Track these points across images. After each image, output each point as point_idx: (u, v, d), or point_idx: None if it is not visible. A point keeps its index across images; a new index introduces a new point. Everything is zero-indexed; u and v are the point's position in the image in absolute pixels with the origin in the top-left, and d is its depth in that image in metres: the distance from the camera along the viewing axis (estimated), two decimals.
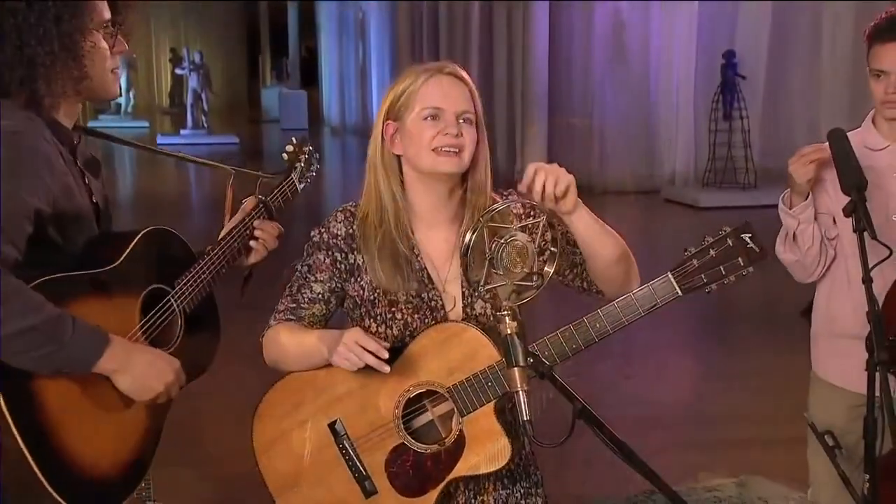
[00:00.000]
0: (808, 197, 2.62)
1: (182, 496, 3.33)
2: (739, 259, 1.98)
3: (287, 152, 2.50)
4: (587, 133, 12.30)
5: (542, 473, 2.23)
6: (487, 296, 2.01)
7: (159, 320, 2.06)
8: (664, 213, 11.16)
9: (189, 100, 18.81)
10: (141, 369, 1.92)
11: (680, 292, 1.97)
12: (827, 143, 2.55)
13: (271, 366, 2.14)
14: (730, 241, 1.99)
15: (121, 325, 1.97)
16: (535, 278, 1.70)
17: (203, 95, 18.77)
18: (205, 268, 2.16)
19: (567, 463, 4.27)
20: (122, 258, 1.99)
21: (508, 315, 1.70)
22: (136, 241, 2.02)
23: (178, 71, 21.85)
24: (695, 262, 1.98)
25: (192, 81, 18.70)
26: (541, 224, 1.75)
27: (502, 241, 1.67)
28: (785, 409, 2.93)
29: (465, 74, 2.09)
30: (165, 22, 28.38)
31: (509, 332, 1.69)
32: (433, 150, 2.01)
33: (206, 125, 18.71)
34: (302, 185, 2.48)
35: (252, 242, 2.29)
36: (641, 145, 12.22)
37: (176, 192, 11.69)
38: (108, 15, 2.01)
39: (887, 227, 2.66)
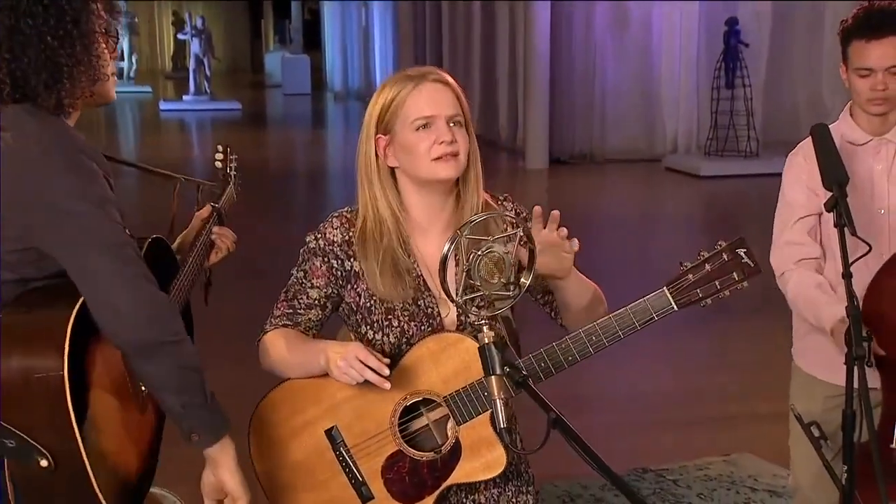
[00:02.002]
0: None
1: (178, 475, 3.38)
2: (735, 274, 2.02)
3: (219, 160, 2.57)
4: (588, 101, 12.26)
5: (534, 472, 2.26)
6: (482, 303, 2.04)
7: None
8: (665, 182, 11.15)
9: (191, 65, 18.76)
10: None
11: (675, 307, 2.01)
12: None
13: (267, 370, 2.17)
14: (725, 256, 2.02)
15: None
16: (511, 289, 1.73)
17: (205, 61, 18.71)
18: (187, 275, 2.20)
19: (554, 441, 4.33)
20: None
21: (486, 325, 1.73)
22: (145, 248, 2.04)
23: (180, 36, 21.79)
24: (690, 276, 2.01)
25: (194, 46, 18.63)
26: (518, 236, 1.77)
27: (479, 252, 1.70)
28: (773, 387, 2.99)
29: (449, 78, 2.09)
30: None
31: (486, 341, 1.72)
32: (432, 160, 2.03)
33: (208, 91, 18.67)
34: (237, 192, 2.57)
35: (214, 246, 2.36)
36: (643, 113, 12.19)
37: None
38: (106, 16, 1.99)
39: (873, 221, 2.69)
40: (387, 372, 1.92)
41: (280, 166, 13.12)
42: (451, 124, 2.05)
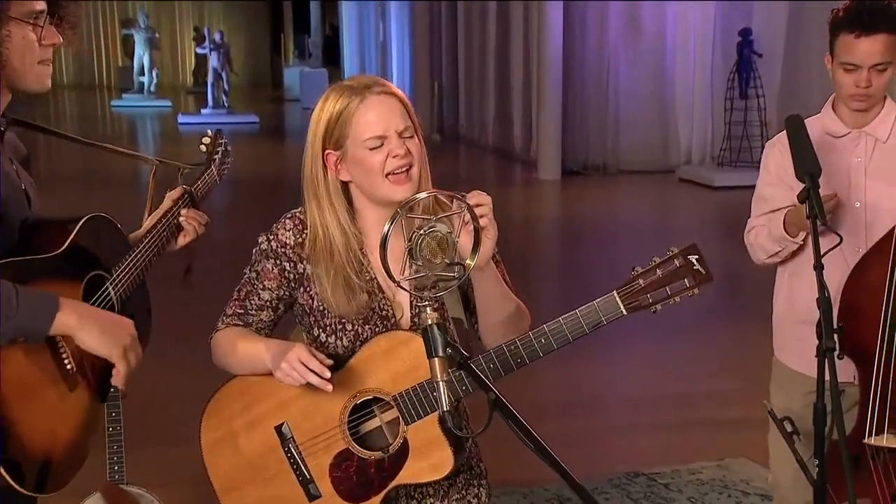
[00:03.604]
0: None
1: (157, 476, 3.38)
2: (686, 280, 2.00)
3: (205, 144, 2.56)
4: (602, 112, 12.24)
5: (486, 466, 2.25)
6: (436, 305, 2.02)
7: (99, 307, 2.09)
8: (678, 193, 11.09)
9: (210, 79, 18.87)
10: (102, 324, 1.93)
11: (625, 311, 1.98)
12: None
13: (219, 367, 2.16)
14: (676, 262, 2.00)
15: None
16: (456, 269, 1.72)
17: (223, 74, 18.82)
18: (139, 255, 2.19)
19: (547, 444, 4.30)
20: (66, 245, 2.01)
21: (429, 306, 1.71)
22: (79, 227, 2.04)
23: (198, 50, 21.93)
24: (641, 281, 1.99)
25: (213, 60, 18.74)
26: (462, 215, 1.76)
27: (422, 231, 1.68)
28: (766, 391, 2.96)
29: (393, 87, 2.06)
30: (189, 1, 28.49)
31: (430, 322, 1.70)
32: (386, 176, 2.01)
33: (226, 104, 18.77)
34: (220, 176, 2.53)
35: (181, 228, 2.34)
36: (656, 124, 12.15)
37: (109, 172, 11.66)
38: (38, 6, 2.00)
39: (850, 213, 2.66)
40: (328, 374, 1.92)
41: (295, 178, 13.14)
42: (404, 137, 2.03)
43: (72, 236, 2.03)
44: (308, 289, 2.11)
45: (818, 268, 2.33)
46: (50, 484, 1.95)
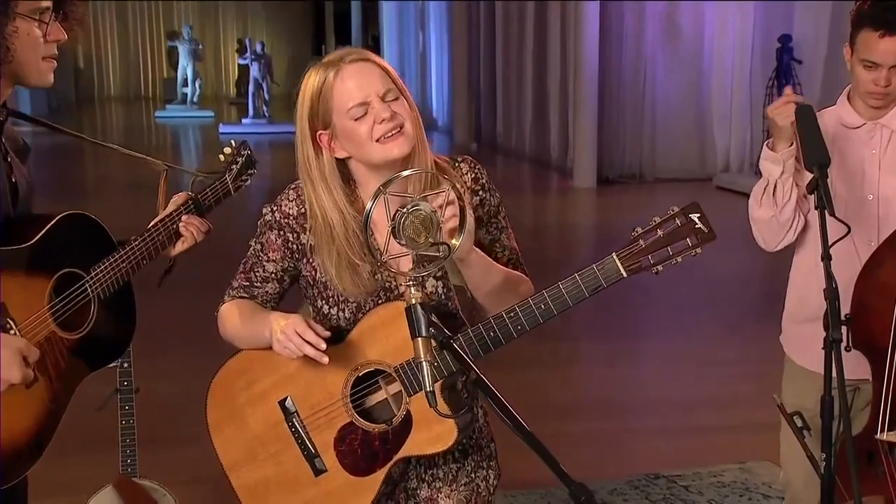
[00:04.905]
0: (792, 144, 2.54)
1: (174, 474, 3.39)
2: (688, 240, 1.94)
3: (224, 154, 2.52)
4: (638, 119, 12.16)
5: (496, 446, 2.22)
6: (439, 273, 2.00)
7: (70, 303, 2.10)
8: (714, 201, 10.95)
9: (250, 89, 19.06)
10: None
11: (625, 273, 1.93)
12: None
13: (226, 340, 2.16)
14: (678, 221, 1.94)
15: (28, 305, 2.01)
16: (440, 249, 1.70)
17: (264, 85, 19.00)
18: (125, 256, 2.19)
19: (567, 444, 4.26)
20: (36, 238, 2.02)
21: (413, 285, 1.70)
22: (52, 223, 2.05)
23: (240, 61, 22.14)
24: (641, 242, 1.94)
25: (254, 71, 18.93)
26: (446, 194, 1.75)
27: (405, 210, 1.67)
28: None
29: (367, 53, 2.03)
30: (233, 13, 28.82)
31: (413, 301, 1.69)
32: (377, 141, 1.98)
33: (266, 114, 18.93)
34: (237, 187, 2.48)
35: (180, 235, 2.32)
36: (693, 132, 12.04)
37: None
38: (44, 3, 2.03)
39: (863, 206, 2.61)
40: (324, 346, 1.90)
41: None
42: (387, 100, 1.99)
43: (43, 232, 2.04)
44: (311, 260, 2.09)
45: (826, 258, 2.29)
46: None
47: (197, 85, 22.43)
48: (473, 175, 2.10)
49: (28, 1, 1.99)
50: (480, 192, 2.10)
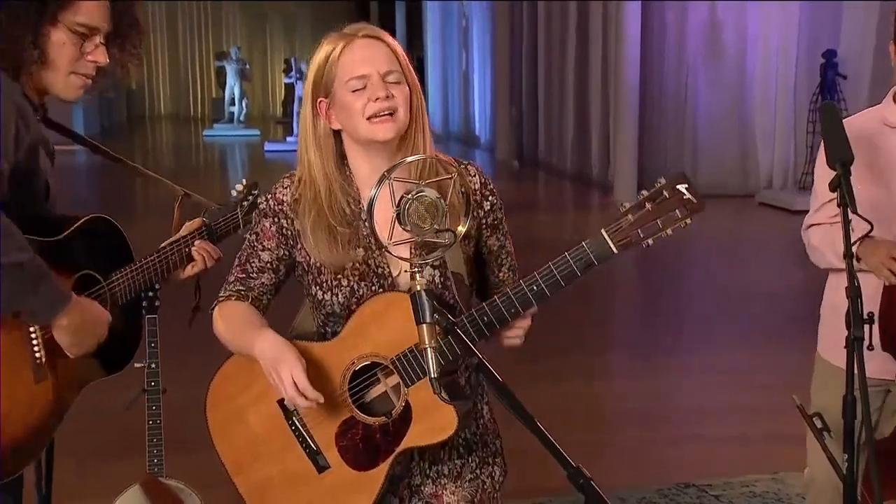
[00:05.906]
0: None
1: (199, 475, 3.41)
2: (677, 211, 1.90)
3: (236, 191, 2.57)
4: (679, 135, 12.08)
5: (502, 442, 2.21)
6: (437, 262, 2.00)
7: None
8: (757, 218, 10.87)
9: (294, 108, 19.26)
10: (85, 330, 2.01)
11: (615, 249, 1.90)
12: None
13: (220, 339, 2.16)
14: (666, 193, 1.90)
15: None
16: (446, 236, 1.70)
17: None
18: (141, 269, 2.24)
19: (597, 453, 4.23)
20: (65, 234, 2.06)
21: (418, 271, 1.70)
22: (81, 221, 2.10)
23: (286, 80, 22.40)
24: (630, 216, 1.91)
25: (298, 90, 19.14)
26: (453, 181, 1.74)
27: (410, 196, 1.68)
28: None
29: (382, 33, 2.04)
30: (281, 34, 29.18)
31: (418, 288, 1.68)
32: (367, 119, 1.98)
33: None
34: (246, 222, 2.50)
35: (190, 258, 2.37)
36: (736, 148, 11.93)
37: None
38: (93, 22, 2.08)
39: None
40: (322, 400, 1.94)
41: None
42: (388, 81, 2.00)
43: (73, 228, 2.09)
44: (304, 245, 2.09)
45: (848, 256, 2.26)
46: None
47: (244, 104, 22.71)
48: (482, 180, 2.11)
49: (72, 13, 2.04)
50: (490, 198, 2.10)
